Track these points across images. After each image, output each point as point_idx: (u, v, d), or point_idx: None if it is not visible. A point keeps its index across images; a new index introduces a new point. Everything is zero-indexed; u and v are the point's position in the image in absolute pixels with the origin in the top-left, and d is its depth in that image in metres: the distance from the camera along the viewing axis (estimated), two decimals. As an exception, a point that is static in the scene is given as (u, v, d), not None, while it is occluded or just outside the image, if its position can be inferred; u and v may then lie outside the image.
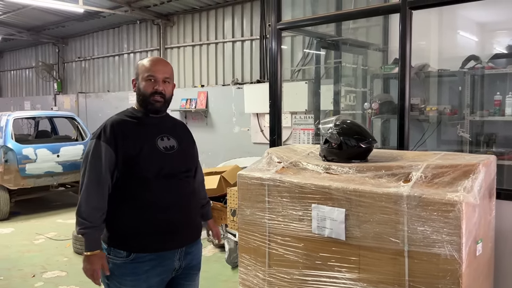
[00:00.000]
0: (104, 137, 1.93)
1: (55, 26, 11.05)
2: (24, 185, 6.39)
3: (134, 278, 1.94)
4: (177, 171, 2.05)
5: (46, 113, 8.81)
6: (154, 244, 1.96)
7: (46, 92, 13.08)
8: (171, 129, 2.12)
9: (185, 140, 2.18)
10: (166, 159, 2.01)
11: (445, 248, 2.04)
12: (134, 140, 1.97)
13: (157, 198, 1.97)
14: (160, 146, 2.01)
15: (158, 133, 2.05)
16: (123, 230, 1.97)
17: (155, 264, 1.97)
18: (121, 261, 1.94)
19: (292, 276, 2.60)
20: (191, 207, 2.13)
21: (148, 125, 2.05)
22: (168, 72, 2.06)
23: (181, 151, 2.09)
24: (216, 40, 8.28)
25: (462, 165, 2.22)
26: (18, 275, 4.23)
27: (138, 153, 1.95)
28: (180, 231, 2.03)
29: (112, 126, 1.96)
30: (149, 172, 1.96)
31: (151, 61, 2.06)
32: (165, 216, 1.98)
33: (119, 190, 1.97)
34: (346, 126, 2.69)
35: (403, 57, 2.78)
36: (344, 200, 2.35)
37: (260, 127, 6.90)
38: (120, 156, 1.93)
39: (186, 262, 2.11)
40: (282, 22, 3.46)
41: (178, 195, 2.03)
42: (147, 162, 1.95)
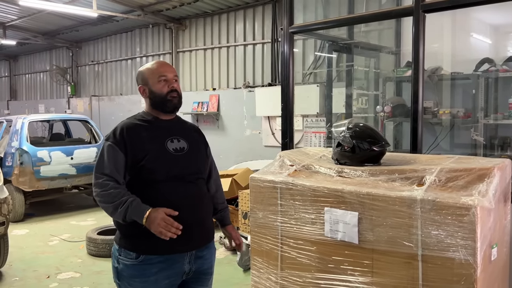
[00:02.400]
0: (114, 139, 1.97)
1: (69, 31, 11.22)
2: (39, 187, 6.48)
3: (143, 279, 1.95)
4: (187, 172, 2.05)
5: (60, 116, 8.94)
6: (162, 247, 1.94)
7: (60, 95, 13.26)
8: (181, 131, 2.14)
9: (196, 142, 2.18)
10: (176, 161, 2.02)
11: (460, 252, 2.02)
12: (144, 142, 1.99)
13: (166, 200, 1.96)
14: (170, 148, 2.03)
15: (168, 135, 2.07)
16: (132, 232, 1.96)
17: (164, 267, 1.96)
18: (130, 262, 1.96)
19: (304, 280, 2.59)
20: (202, 209, 2.11)
21: (158, 128, 2.07)
22: (174, 71, 2.16)
23: (192, 153, 2.09)
24: (227, 43, 8.33)
25: (476, 169, 2.20)
26: (33, 276, 4.29)
27: (147, 156, 1.96)
28: (189, 234, 1.99)
29: (122, 129, 2.00)
30: (158, 174, 1.97)
31: (156, 64, 2.12)
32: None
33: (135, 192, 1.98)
34: (359, 129, 2.68)
35: (416, 60, 2.77)
36: (357, 204, 2.34)
37: (271, 130, 6.91)
38: (130, 158, 1.96)
39: (197, 266, 2.09)
40: (294, 25, 3.47)
41: (188, 197, 2.02)
42: (155, 164, 1.97)
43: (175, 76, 2.12)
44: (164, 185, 1.97)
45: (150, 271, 1.94)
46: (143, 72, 2.12)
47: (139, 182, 1.97)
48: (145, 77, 2.09)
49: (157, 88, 2.06)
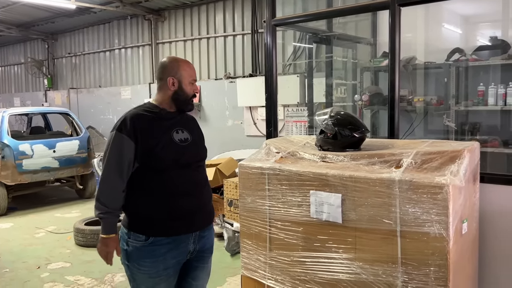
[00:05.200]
0: (125, 130, 2.07)
1: (44, 22, 11.01)
2: (21, 181, 6.46)
3: (153, 260, 2.11)
4: (191, 161, 2.21)
5: (41, 109, 8.85)
6: (170, 229, 2.12)
7: (36, 88, 13.03)
8: (183, 123, 2.28)
9: (196, 133, 2.35)
10: (182, 150, 2.17)
11: (434, 227, 2.22)
12: (153, 132, 2.11)
13: (174, 186, 2.12)
14: (176, 139, 2.17)
15: (173, 126, 2.20)
16: (142, 216, 2.12)
17: (172, 247, 2.13)
18: (140, 245, 2.10)
19: (292, 258, 2.77)
20: (204, 194, 2.29)
21: (164, 120, 2.20)
22: None
23: (194, 143, 2.25)
24: (207, 35, 8.39)
25: (448, 151, 2.41)
26: (23, 267, 4.34)
27: (157, 145, 2.09)
28: (194, 216, 2.19)
29: (132, 119, 2.10)
30: (166, 163, 2.11)
31: (189, 66, 2.25)
32: (181, 203, 2.14)
33: (138, 180, 2.11)
34: (341, 117, 2.85)
35: (393, 51, 2.95)
36: (341, 186, 2.52)
37: (253, 120, 7.05)
38: (140, 148, 2.07)
39: (200, 245, 2.28)
40: (276, 18, 3.60)
41: (193, 183, 2.20)
42: (164, 153, 2.10)
43: None
44: (172, 172, 2.12)
45: (159, 252, 2.10)
46: (176, 65, 2.21)
47: (148, 170, 2.10)
48: (179, 73, 2.20)
49: (188, 89, 2.22)
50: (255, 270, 2.99)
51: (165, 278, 2.16)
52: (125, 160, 2.06)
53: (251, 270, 3.02)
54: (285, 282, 2.82)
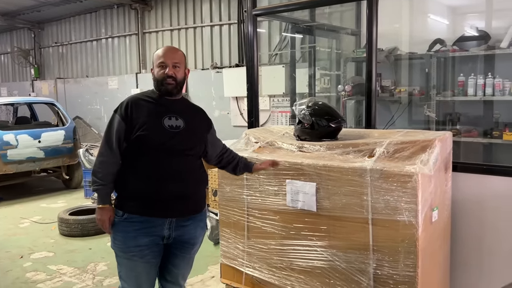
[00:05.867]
0: (119, 111, 2.22)
1: (30, 11, 10.84)
2: (6, 171, 6.42)
3: (124, 235, 2.22)
4: (178, 148, 2.23)
5: (26, 99, 8.76)
6: (142, 209, 2.20)
7: (23, 78, 12.88)
8: (181, 111, 2.30)
9: (194, 123, 2.33)
10: (169, 136, 2.21)
11: (404, 215, 2.28)
12: (143, 115, 2.21)
13: (155, 169, 2.18)
14: (166, 124, 2.22)
15: (166, 112, 2.25)
16: (124, 194, 2.26)
17: (143, 226, 2.20)
18: (118, 219, 2.24)
19: (269, 246, 2.82)
20: (188, 183, 2.27)
21: (160, 105, 2.26)
22: (177, 57, 2.28)
23: (187, 132, 2.26)
24: (194, 24, 8.34)
25: (420, 141, 2.46)
26: (6, 257, 4.35)
27: (143, 126, 2.18)
28: (170, 203, 2.22)
29: (128, 102, 2.24)
30: (151, 144, 2.18)
31: (162, 50, 2.29)
32: (157, 187, 2.19)
33: (125, 159, 2.24)
34: (318, 107, 2.89)
35: (370, 42, 2.97)
36: (315, 175, 2.57)
37: (239, 111, 7.06)
38: (129, 128, 2.19)
39: (178, 234, 2.28)
40: (257, 8, 3.60)
41: (175, 169, 2.22)
42: (150, 135, 2.18)
43: (175, 62, 2.26)
44: (155, 155, 2.19)
45: (130, 228, 2.20)
46: (154, 54, 2.32)
47: (134, 150, 2.21)
48: (153, 60, 2.31)
49: (156, 73, 2.27)
50: (234, 258, 3.05)
51: (139, 255, 2.21)
52: (116, 137, 2.20)
53: (230, 258, 3.07)
54: (262, 270, 2.88)
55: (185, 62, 2.35)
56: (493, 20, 4.55)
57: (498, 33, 4.22)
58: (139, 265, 2.25)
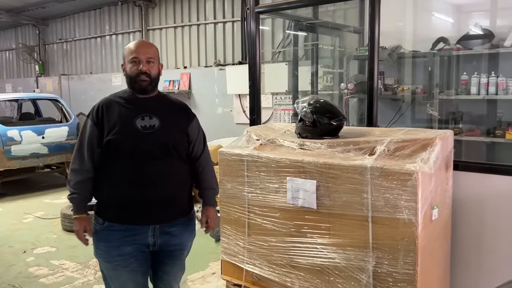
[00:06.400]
0: (91, 116, 2.11)
1: (35, 7, 10.89)
2: (10, 167, 6.47)
3: (106, 244, 2.12)
4: (153, 150, 2.09)
5: (30, 95, 8.82)
6: (123, 217, 2.10)
7: (28, 74, 12.95)
8: (156, 109, 2.15)
9: (172, 120, 2.19)
10: (142, 138, 2.07)
11: (404, 213, 2.28)
12: (113, 118, 2.08)
13: (129, 174, 2.07)
14: (138, 125, 2.08)
15: (139, 112, 2.11)
16: (102, 201, 2.15)
17: (126, 235, 2.10)
18: (99, 228, 2.15)
19: (269, 243, 2.83)
20: (169, 186, 2.15)
21: (132, 105, 2.13)
22: (150, 52, 2.14)
23: (162, 131, 2.12)
24: (198, 21, 8.35)
25: (421, 139, 2.45)
26: (9, 251, 4.39)
27: (113, 130, 2.06)
28: (150, 209, 2.10)
29: (99, 106, 2.12)
30: (123, 149, 2.06)
31: (134, 44, 2.16)
32: (135, 193, 2.07)
33: (101, 165, 2.12)
34: (319, 105, 2.89)
35: (372, 40, 2.97)
36: (316, 173, 2.57)
37: (242, 108, 7.07)
38: (101, 133, 2.08)
39: (163, 241, 2.17)
40: (260, 5, 3.60)
41: (152, 173, 2.08)
42: (121, 139, 2.06)
43: (149, 58, 2.12)
44: (128, 160, 2.06)
45: (112, 237, 2.10)
46: (124, 49, 2.19)
47: (107, 156, 2.09)
48: (124, 56, 2.17)
49: (129, 69, 2.13)
50: (235, 255, 3.05)
51: (122, 264, 2.12)
52: (88, 144, 2.10)
53: (230, 255, 3.08)
54: (263, 267, 2.89)
55: (158, 57, 2.22)
56: (497, 18, 4.53)
57: (502, 31, 4.20)
58: (124, 274, 2.15)
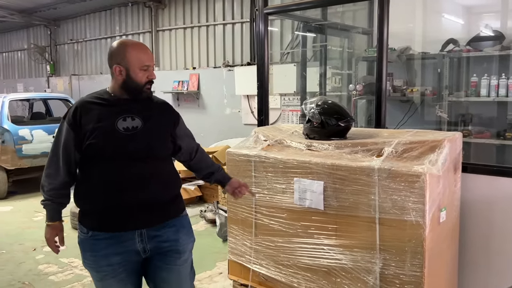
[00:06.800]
0: (68, 118, 1.97)
1: (46, 8, 11.03)
2: (21, 165, 6.55)
3: (93, 254, 1.99)
4: (135, 151, 1.96)
5: (41, 95, 8.92)
6: (106, 224, 1.97)
7: (39, 74, 13.10)
8: (139, 109, 2.03)
9: (155, 121, 2.06)
10: (123, 140, 1.95)
11: (411, 215, 2.28)
12: (93, 121, 1.94)
13: (110, 178, 1.94)
14: (120, 127, 1.96)
15: (120, 113, 1.98)
16: (83, 208, 2.03)
17: (112, 243, 1.97)
18: (83, 237, 2.01)
19: (276, 244, 2.84)
20: (153, 189, 2.00)
21: (113, 106, 1.99)
22: (152, 58, 2.06)
23: (145, 132, 2.00)
24: (207, 22, 8.38)
25: (429, 141, 2.45)
26: (19, 249, 4.45)
27: (93, 133, 1.93)
28: (134, 213, 1.97)
29: (76, 107, 1.98)
30: (103, 153, 1.94)
31: (140, 49, 2.01)
32: (117, 197, 1.94)
33: (80, 170, 2.01)
34: (327, 106, 2.89)
35: (381, 41, 2.97)
36: (323, 174, 2.57)
37: (250, 109, 7.08)
38: (78, 136, 1.95)
39: (154, 245, 2.03)
40: (269, 6, 3.62)
41: (134, 176, 1.95)
42: (101, 143, 1.93)
43: (153, 64, 2.06)
44: (109, 164, 1.94)
45: (98, 246, 1.97)
46: (123, 51, 1.98)
47: (86, 160, 1.98)
48: (126, 59, 1.97)
49: (138, 77, 1.99)
50: (241, 255, 3.07)
51: (111, 274, 2.00)
52: (64, 148, 1.97)
53: (237, 255, 3.10)
54: (269, 267, 2.90)
55: None
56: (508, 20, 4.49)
57: (513, 33, 4.17)
58: (113, 284, 2.03)
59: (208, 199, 6.12)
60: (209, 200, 6.06)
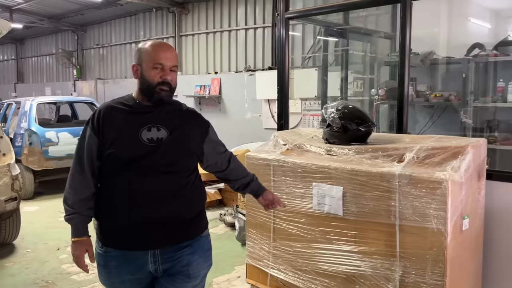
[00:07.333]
0: (91, 123, 1.85)
1: (74, 14, 11.34)
2: (47, 167, 6.71)
3: (107, 270, 1.88)
4: (158, 165, 1.81)
5: (67, 98, 9.14)
6: (117, 242, 1.85)
7: (66, 78, 13.45)
8: (165, 118, 1.88)
9: (183, 132, 1.91)
10: (147, 152, 1.80)
11: (432, 222, 2.23)
12: (116, 128, 1.82)
13: (127, 193, 1.80)
14: (144, 138, 1.81)
15: (146, 123, 1.84)
16: (99, 223, 1.91)
17: (123, 262, 1.85)
18: (99, 251, 1.91)
19: (294, 249, 2.82)
20: (174, 206, 1.85)
21: (138, 114, 1.86)
22: (175, 60, 1.88)
23: (170, 144, 1.84)
24: (229, 27, 8.45)
25: (452, 147, 2.39)
26: (43, 248, 4.55)
27: (115, 143, 1.80)
28: (148, 231, 1.82)
29: (100, 112, 1.86)
30: (123, 165, 1.80)
31: (157, 47, 1.85)
32: (131, 214, 1.80)
33: (100, 181, 1.88)
34: (347, 110, 2.87)
35: (403, 45, 2.94)
36: (342, 179, 2.55)
37: (271, 113, 7.08)
38: (101, 143, 1.82)
39: (166, 267, 1.87)
40: (290, 11, 3.62)
41: (156, 191, 1.81)
42: (122, 153, 1.79)
43: (173, 66, 1.86)
44: (128, 176, 1.80)
45: (111, 264, 1.86)
46: (141, 50, 1.86)
47: (107, 170, 1.84)
48: (141, 57, 1.85)
49: (149, 75, 1.83)
50: (260, 259, 3.06)
51: None
52: (87, 156, 1.85)
53: (255, 259, 3.09)
54: (287, 272, 2.88)
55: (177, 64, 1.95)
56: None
57: (542, 37, 4.06)
58: None
59: (228, 203, 6.15)
60: (229, 204, 6.08)
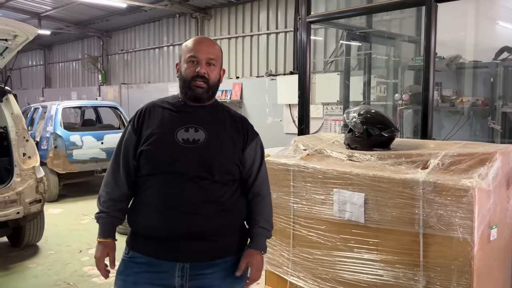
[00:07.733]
0: (132, 121, 1.77)
1: (100, 20, 11.59)
2: (72, 170, 6.84)
3: (123, 277, 1.73)
4: (190, 169, 1.66)
5: (91, 102, 9.31)
6: (146, 247, 1.70)
7: (91, 83, 13.74)
8: (206, 120, 1.74)
9: (222, 136, 1.74)
10: (180, 153, 1.66)
11: (458, 231, 2.14)
12: (153, 127, 1.71)
13: (159, 196, 1.67)
14: (179, 138, 1.68)
15: (184, 123, 1.71)
16: (130, 225, 1.79)
17: (147, 270, 1.69)
18: (124, 257, 1.77)
19: (314, 256, 2.76)
20: (207, 217, 1.66)
21: (178, 113, 1.74)
22: (213, 52, 1.73)
23: (209, 147, 1.69)
24: (251, 32, 8.47)
25: (479, 153, 2.31)
26: (66, 250, 4.62)
27: (148, 141, 1.69)
28: (178, 242, 1.66)
29: (142, 110, 1.78)
30: (153, 164, 1.68)
31: (194, 41, 1.75)
32: (162, 220, 1.65)
33: (136, 182, 1.76)
34: (370, 115, 2.80)
35: (428, 49, 2.86)
36: (364, 185, 2.49)
37: (292, 118, 7.04)
38: (138, 141, 1.73)
39: (194, 284, 1.68)
40: (311, 15, 3.59)
41: (188, 198, 1.65)
42: (154, 152, 1.68)
43: (210, 59, 1.71)
44: (162, 177, 1.67)
45: (132, 270, 1.71)
46: (182, 47, 1.78)
47: (140, 171, 1.72)
48: (180, 53, 1.77)
49: (184, 69, 1.72)
50: (279, 266, 3.02)
51: None
52: (124, 154, 1.75)
53: (275, 266, 3.05)
54: (307, 280, 2.83)
55: (221, 59, 1.80)
56: None
57: None
58: None
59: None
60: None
